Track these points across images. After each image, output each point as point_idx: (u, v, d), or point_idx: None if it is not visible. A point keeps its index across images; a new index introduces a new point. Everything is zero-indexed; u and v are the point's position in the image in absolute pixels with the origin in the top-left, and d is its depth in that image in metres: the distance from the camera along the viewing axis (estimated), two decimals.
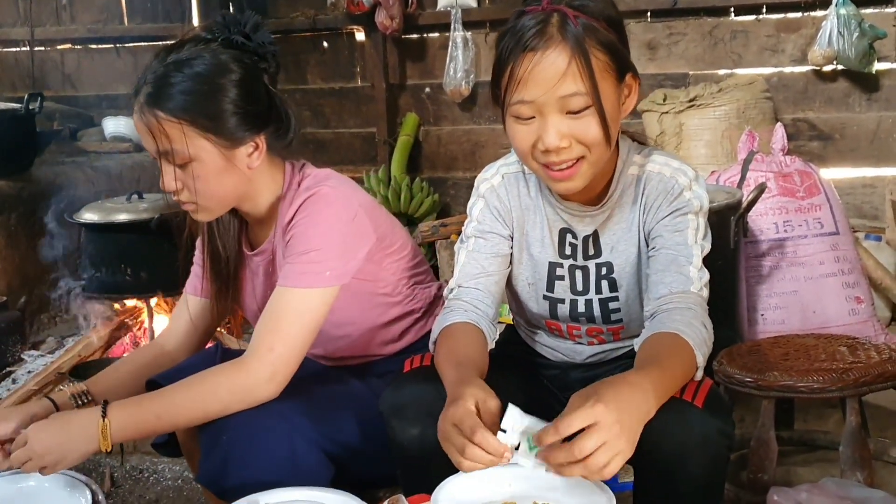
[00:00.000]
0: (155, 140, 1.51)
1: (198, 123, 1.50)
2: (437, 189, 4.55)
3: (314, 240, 1.54)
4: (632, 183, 1.50)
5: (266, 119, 1.58)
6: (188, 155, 1.51)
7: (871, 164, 3.99)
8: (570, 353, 1.64)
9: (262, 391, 1.50)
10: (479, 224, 1.57)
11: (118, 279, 2.94)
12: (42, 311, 3.38)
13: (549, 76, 1.32)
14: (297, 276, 1.53)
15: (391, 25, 4.31)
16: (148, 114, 1.50)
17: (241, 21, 1.57)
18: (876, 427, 2.37)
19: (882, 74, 3.89)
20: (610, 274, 1.53)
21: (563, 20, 1.32)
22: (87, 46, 5.06)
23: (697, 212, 1.46)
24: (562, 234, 1.54)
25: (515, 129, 1.39)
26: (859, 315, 3.00)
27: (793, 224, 3.04)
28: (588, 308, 1.56)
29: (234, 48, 1.55)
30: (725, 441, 1.29)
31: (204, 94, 1.50)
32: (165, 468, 2.49)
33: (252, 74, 1.55)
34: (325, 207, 1.56)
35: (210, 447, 1.51)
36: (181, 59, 1.52)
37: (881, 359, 1.99)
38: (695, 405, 1.28)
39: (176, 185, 1.54)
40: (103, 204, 3.04)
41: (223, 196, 1.58)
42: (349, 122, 4.76)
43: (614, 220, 1.51)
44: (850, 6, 3.71)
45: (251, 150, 1.56)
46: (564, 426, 1.13)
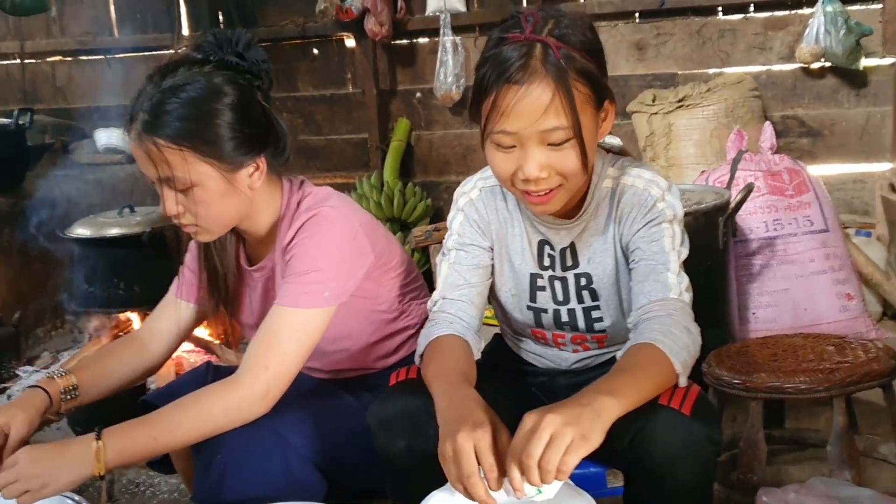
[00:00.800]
0: (155, 167, 1.51)
1: (199, 149, 1.50)
2: (429, 193, 4.56)
3: (315, 261, 1.55)
4: (606, 196, 1.52)
5: (265, 139, 1.58)
6: (190, 181, 1.51)
7: (861, 160, 4.00)
8: (557, 360, 1.66)
9: (254, 409, 1.50)
10: (459, 237, 1.58)
11: (111, 293, 2.94)
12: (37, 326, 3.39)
13: (532, 110, 1.32)
14: (296, 296, 1.54)
15: (380, 31, 4.33)
16: (147, 141, 1.49)
17: (233, 39, 1.56)
18: (867, 424, 2.38)
19: (869, 70, 3.90)
20: (589, 284, 1.55)
21: (545, 52, 1.32)
22: (77, 58, 5.07)
23: (672, 220, 1.47)
24: (540, 245, 1.56)
25: (495, 156, 1.40)
26: (850, 311, 3.01)
27: (782, 222, 3.05)
28: (571, 317, 1.58)
29: (229, 69, 1.55)
30: (713, 448, 1.31)
31: (203, 119, 1.50)
32: (162, 482, 2.50)
33: (248, 95, 1.55)
34: (326, 228, 1.57)
35: (205, 465, 1.52)
36: (177, 84, 1.50)
37: (868, 358, 2.00)
38: (682, 413, 1.29)
39: (177, 209, 1.54)
40: (95, 218, 3.04)
41: (225, 218, 1.59)
42: (341, 128, 4.77)
43: (590, 231, 1.53)
44: (836, 3, 3.73)
45: (252, 171, 1.57)
46: (513, 447, 1.15)
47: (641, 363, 1.31)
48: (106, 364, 1.73)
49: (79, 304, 3.07)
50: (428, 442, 1.36)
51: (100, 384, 1.68)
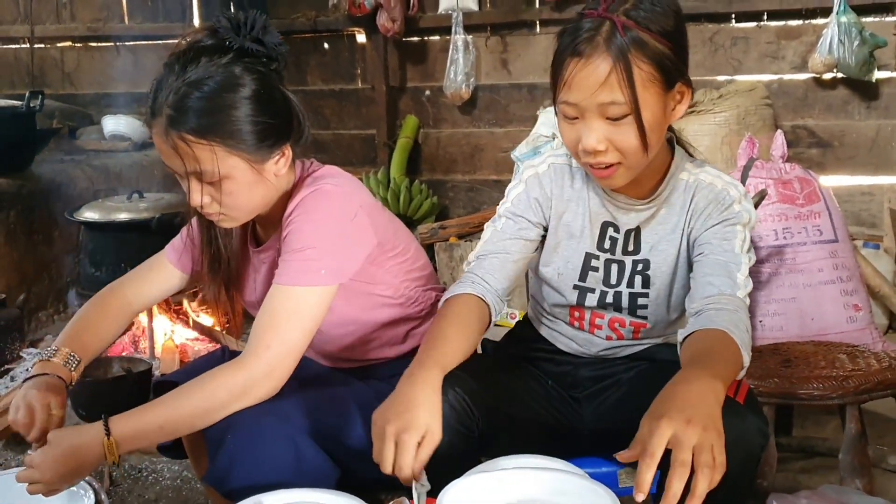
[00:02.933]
0: (183, 161, 1.49)
1: (228, 143, 1.48)
2: (436, 191, 4.56)
3: (310, 237, 1.53)
4: (682, 188, 1.54)
5: (289, 127, 1.57)
6: (220, 174, 1.49)
7: (870, 172, 4.00)
8: (586, 345, 1.66)
9: (260, 388, 1.49)
10: (512, 206, 1.60)
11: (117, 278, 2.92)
12: (41, 308, 3.38)
13: (591, 83, 1.36)
14: (293, 273, 1.52)
15: (392, 28, 4.32)
16: (175, 137, 1.48)
17: (249, 23, 1.53)
18: (874, 434, 2.38)
19: (882, 83, 3.91)
20: (645, 271, 1.56)
21: (612, 29, 1.36)
22: (87, 44, 5.06)
23: (746, 224, 1.49)
24: (604, 227, 1.57)
25: (563, 126, 1.45)
26: (857, 322, 3.00)
27: (792, 231, 3.05)
28: (617, 299, 1.59)
29: (248, 55, 1.53)
30: (761, 439, 1.33)
31: (230, 113, 1.48)
32: (164, 468, 2.49)
33: (270, 84, 1.54)
34: (324, 204, 1.55)
35: (216, 448, 1.51)
36: (200, 77, 1.48)
37: (881, 366, 2.00)
38: (737, 401, 1.32)
39: (203, 200, 1.53)
40: (104, 203, 3.04)
41: (253, 207, 1.58)
42: (349, 123, 4.77)
43: (659, 219, 1.55)
44: (850, 14, 3.73)
45: (278, 158, 1.56)
46: (649, 456, 1.15)
47: (723, 350, 1.33)
48: (97, 330, 1.74)
49: (84, 287, 3.06)
50: (449, 434, 1.35)
51: (91, 351, 1.70)
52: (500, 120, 4.51)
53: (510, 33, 4.42)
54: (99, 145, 4.25)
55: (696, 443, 1.14)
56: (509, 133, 4.46)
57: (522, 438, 1.55)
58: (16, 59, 5.07)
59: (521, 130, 4.31)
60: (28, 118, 3.38)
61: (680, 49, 1.41)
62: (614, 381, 1.64)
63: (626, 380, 1.62)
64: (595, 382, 1.65)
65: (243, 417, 1.49)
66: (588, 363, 1.67)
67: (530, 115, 4.29)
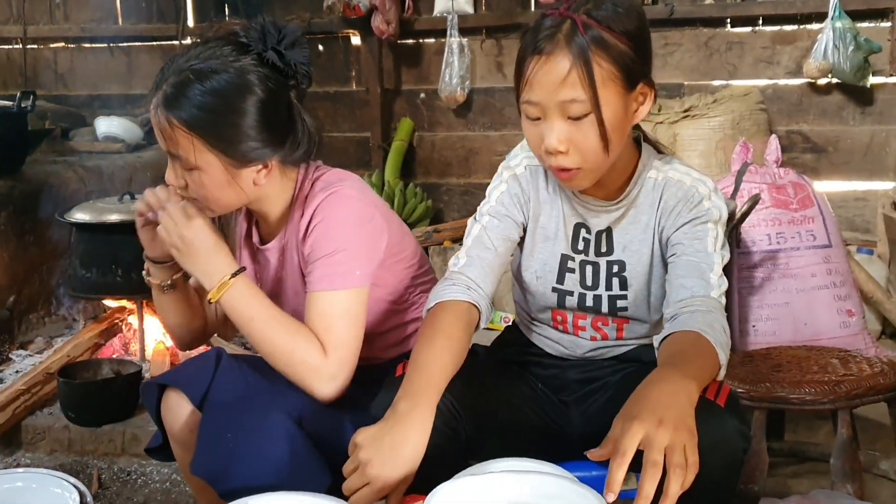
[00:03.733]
0: (164, 141, 1.53)
1: (208, 140, 1.50)
2: (430, 195, 4.54)
3: (339, 241, 1.54)
4: (651, 187, 1.53)
5: (281, 143, 1.55)
6: (194, 164, 1.51)
7: (864, 178, 4.01)
8: (572, 347, 1.65)
9: (323, 385, 1.52)
10: (496, 205, 1.60)
11: (109, 280, 2.92)
12: (31, 310, 3.36)
13: (551, 80, 1.36)
14: (330, 279, 1.54)
15: (387, 30, 4.31)
16: (162, 115, 1.50)
17: (281, 34, 1.53)
18: (866, 440, 2.37)
19: (876, 88, 3.91)
20: (621, 272, 1.56)
21: (572, 27, 1.36)
22: (80, 45, 5.03)
23: (717, 221, 1.48)
24: (576, 228, 1.57)
25: (526, 127, 1.45)
26: (850, 328, 3.00)
27: (785, 236, 3.04)
28: (597, 302, 1.58)
29: (264, 65, 1.52)
30: (742, 442, 1.31)
31: (221, 113, 1.49)
32: (153, 471, 2.48)
33: (276, 97, 1.52)
34: (347, 207, 1.56)
35: (212, 442, 1.49)
36: (208, 69, 1.48)
37: (873, 372, 2.00)
38: (718, 404, 1.31)
39: (178, 182, 1.56)
40: (95, 204, 3.02)
41: (224, 205, 1.59)
42: (343, 126, 4.75)
43: (629, 219, 1.54)
44: (845, 19, 3.73)
45: (259, 169, 1.55)
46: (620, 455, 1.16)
47: (697, 351, 1.32)
48: None
49: (75, 289, 3.04)
50: (435, 437, 1.35)
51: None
52: (495, 123, 4.50)
53: (505, 36, 4.42)
54: (92, 146, 4.22)
55: (668, 443, 1.14)
56: (504, 137, 4.45)
57: (512, 442, 1.54)
58: (9, 59, 5.04)
59: (516, 134, 4.30)
60: (19, 119, 3.36)
61: (642, 50, 1.41)
62: (602, 384, 1.63)
63: (613, 383, 1.61)
64: (583, 385, 1.64)
65: (243, 417, 1.49)
66: (575, 366, 1.66)
67: None
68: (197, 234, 1.54)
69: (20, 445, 2.68)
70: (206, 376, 1.58)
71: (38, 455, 2.64)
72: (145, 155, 4.12)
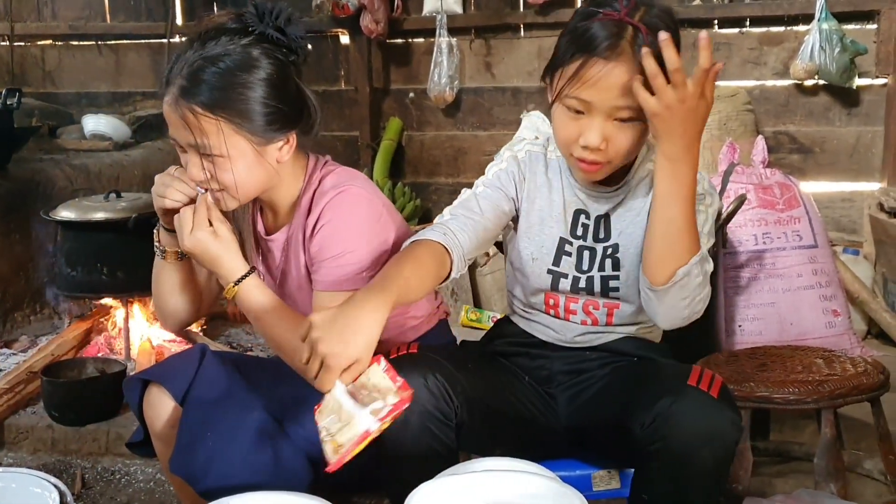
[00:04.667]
0: (191, 132, 1.51)
1: (233, 121, 1.51)
2: (419, 194, 4.54)
3: (347, 242, 1.56)
4: (647, 176, 1.56)
5: (298, 116, 1.59)
6: (221, 150, 1.52)
7: (850, 179, 4.02)
8: (561, 330, 1.67)
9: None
10: (491, 179, 1.63)
11: (94, 278, 2.90)
12: (17, 309, 3.34)
13: (611, 86, 1.40)
14: (337, 279, 1.55)
15: (376, 29, 4.31)
16: (184, 107, 1.50)
17: (275, 13, 1.56)
18: (850, 439, 2.38)
19: (862, 90, 3.93)
20: (615, 254, 1.59)
21: (635, 35, 1.39)
22: (68, 43, 5.01)
23: (708, 206, 1.52)
24: (576, 214, 1.61)
25: (562, 120, 1.48)
26: (836, 328, 3.01)
27: (772, 236, 3.05)
28: (589, 283, 1.61)
29: (269, 42, 1.55)
30: (736, 433, 1.35)
31: (240, 91, 1.51)
32: (137, 470, 2.47)
33: (285, 71, 1.56)
34: (356, 207, 1.58)
35: (192, 440, 1.49)
36: (218, 53, 1.51)
37: (857, 371, 2.00)
38: (710, 395, 1.35)
39: (203, 175, 1.55)
40: (80, 202, 3.00)
41: (250, 189, 1.60)
42: (332, 125, 4.74)
43: (626, 206, 1.59)
44: (832, 21, 3.75)
45: (282, 145, 1.58)
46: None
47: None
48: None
49: (60, 288, 3.02)
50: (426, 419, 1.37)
51: None
52: (484, 123, 4.50)
53: (494, 36, 4.42)
54: (79, 144, 4.20)
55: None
56: (493, 136, 4.45)
57: (500, 431, 1.55)
58: None
59: (505, 134, 4.30)
60: (5, 116, 3.34)
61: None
62: (589, 377, 1.64)
63: (601, 377, 1.62)
64: (569, 377, 1.65)
65: (224, 415, 1.48)
66: (562, 356, 1.67)
67: (514, 119, 4.29)
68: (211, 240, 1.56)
69: (3, 445, 2.67)
70: (188, 373, 1.58)
71: (21, 454, 2.63)
72: (133, 153, 4.10)
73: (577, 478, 1.62)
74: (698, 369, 1.40)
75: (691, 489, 1.35)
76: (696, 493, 1.36)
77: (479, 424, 1.52)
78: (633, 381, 1.51)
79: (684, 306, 1.45)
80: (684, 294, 1.43)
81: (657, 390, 1.37)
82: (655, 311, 1.49)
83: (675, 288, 1.42)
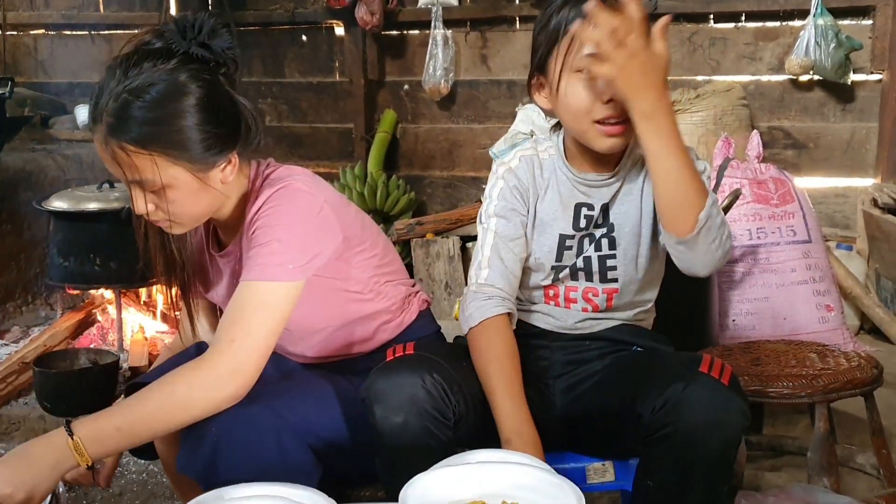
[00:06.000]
0: (123, 170, 1.45)
1: (169, 154, 1.44)
2: (413, 187, 4.53)
3: (277, 231, 1.50)
4: (639, 160, 1.57)
5: (236, 134, 1.52)
6: (161, 183, 1.45)
7: (844, 174, 4.03)
8: (562, 317, 1.67)
9: (225, 388, 1.43)
10: (500, 202, 1.62)
11: (87, 269, 2.89)
12: (9, 299, 3.32)
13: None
14: (260, 268, 1.48)
15: (371, 21, 4.29)
16: (114, 146, 1.43)
17: (196, 26, 1.49)
18: (843, 434, 2.39)
19: (857, 85, 3.93)
20: (610, 233, 1.60)
21: None
22: (61, 33, 4.98)
23: (702, 171, 1.51)
24: (577, 208, 1.61)
25: (576, 89, 1.47)
26: (829, 323, 3.02)
27: (766, 231, 3.06)
28: (587, 264, 1.61)
29: (195, 61, 1.48)
30: (743, 421, 1.35)
31: (172, 123, 1.44)
32: (130, 461, 2.46)
33: (216, 91, 1.49)
34: (291, 200, 1.52)
35: (196, 438, 1.47)
36: (143, 84, 1.43)
37: (850, 366, 2.01)
38: (721, 382, 1.35)
39: (147, 208, 1.49)
40: (73, 192, 2.99)
41: (199, 214, 1.54)
42: (326, 116, 4.73)
43: (625, 191, 1.59)
44: (827, 17, 3.75)
45: (224, 165, 1.52)
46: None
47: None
48: None
49: (53, 278, 3.01)
50: (424, 420, 1.36)
51: None
52: (479, 116, 4.50)
53: (490, 29, 4.41)
54: (72, 135, 4.19)
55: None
56: (488, 129, 4.44)
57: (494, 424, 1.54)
58: None
59: (500, 127, 4.30)
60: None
61: None
62: (588, 367, 1.64)
63: (601, 368, 1.62)
64: (568, 367, 1.65)
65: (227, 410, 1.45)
66: (562, 347, 1.66)
67: (509, 112, 4.28)
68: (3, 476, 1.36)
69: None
70: None
71: (12, 445, 2.61)
72: None
73: (571, 470, 1.62)
74: (709, 358, 1.40)
75: (697, 476, 1.36)
76: (702, 480, 1.36)
77: (476, 419, 1.51)
78: (640, 368, 1.52)
79: (716, 247, 1.44)
80: (712, 236, 1.43)
81: (668, 376, 1.37)
82: (692, 261, 1.47)
83: (702, 232, 1.41)
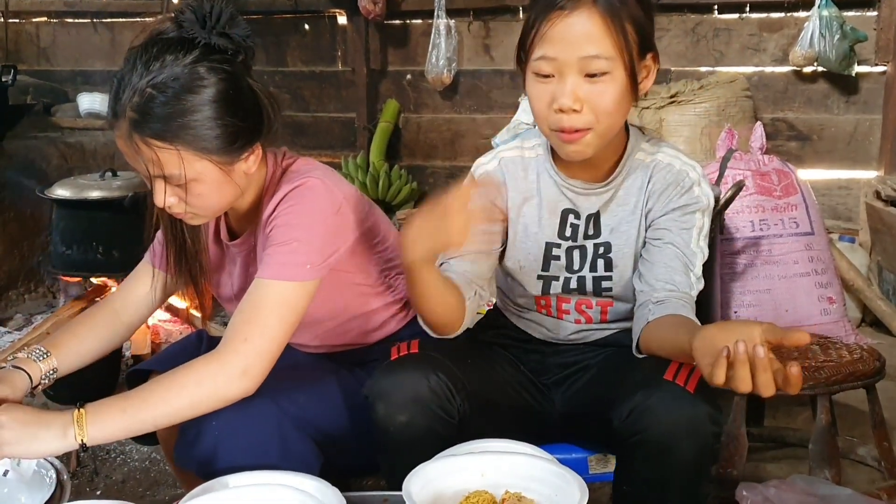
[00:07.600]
0: (147, 166, 1.44)
1: (195, 147, 1.43)
2: (415, 177, 4.53)
3: (296, 231, 1.49)
4: (639, 168, 1.52)
5: (259, 125, 1.52)
6: (187, 178, 1.44)
7: (847, 167, 4.02)
8: (555, 329, 1.65)
9: (234, 386, 1.42)
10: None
11: (89, 257, 2.89)
12: (11, 287, 3.33)
13: (575, 35, 1.35)
14: (278, 267, 1.48)
15: (374, 10, 4.28)
16: (139, 141, 1.42)
17: (215, 16, 1.47)
18: (844, 426, 2.40)
19: (861, 77, 3.93)
20: (607, 253, 1.55)
21: None
22: (63, 20, 4.97)
23: (704, 210, 1.49)
24: (564, 214, 1.56)
25: (534, 87, 1.42)
26: (831, 315, 3.02)
27: (769, 223, 3.05)
28: (581, 283, 1.57)
29: (215, 52, 1.46)
30: (715, 427, 1.33)
31: (196, 116, 1.42)
32: (133, 449, 2.47)
33: (238, 82, 1.48)
34: (311, 198, 1.51)
35: (197, 428, 1.47)
36: (164, 79, 1.41)
37: (852, 358, 2.01)
38: (687, 389, 1.32)
39: (169, 201, 1.48)
40: (76, 180, 2.99)
41: (221, 206, 1.54)
42: (329, 106, 4.73)
43: (618, 201, 1.53)
44: (832, 8, 3.74)
45: (248, 157, 1.51)
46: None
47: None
48: (81, 338, 1.67)
49: (55, 266, 3.01)
50: (429, 419, 1.36)
51: (73, 359, 1.63)
52: (482, 106, 4.49)
53: (493, 18, 4.40)
54: (74, 123, 4.18)
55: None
56: (491, 119, 4.44)
57: (498, 420, 1.54)
58: None
59: (503, 117, 4.29)
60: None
61: (651, 19, 1.41)
62: (583, 366, 1.63)
63: (595, 364, 1.62)
64: (564, 368, 1.65)
65: None
66: (558, 352, 1.66)
67: (511, 102, 4.27)
68: (12, 421, 1.36)
69: None
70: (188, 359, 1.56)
71: None
72: None
73: (574, 461, 1.62)
74: (676, 364, 1.35)
75: (671, 482, 1.34)
76: (676, 485, 1.34)
77: (479, 415, 1.51)
78: (617, 373, 1.50)
79: None
80: None
81: (635, 382, 1.35)
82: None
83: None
